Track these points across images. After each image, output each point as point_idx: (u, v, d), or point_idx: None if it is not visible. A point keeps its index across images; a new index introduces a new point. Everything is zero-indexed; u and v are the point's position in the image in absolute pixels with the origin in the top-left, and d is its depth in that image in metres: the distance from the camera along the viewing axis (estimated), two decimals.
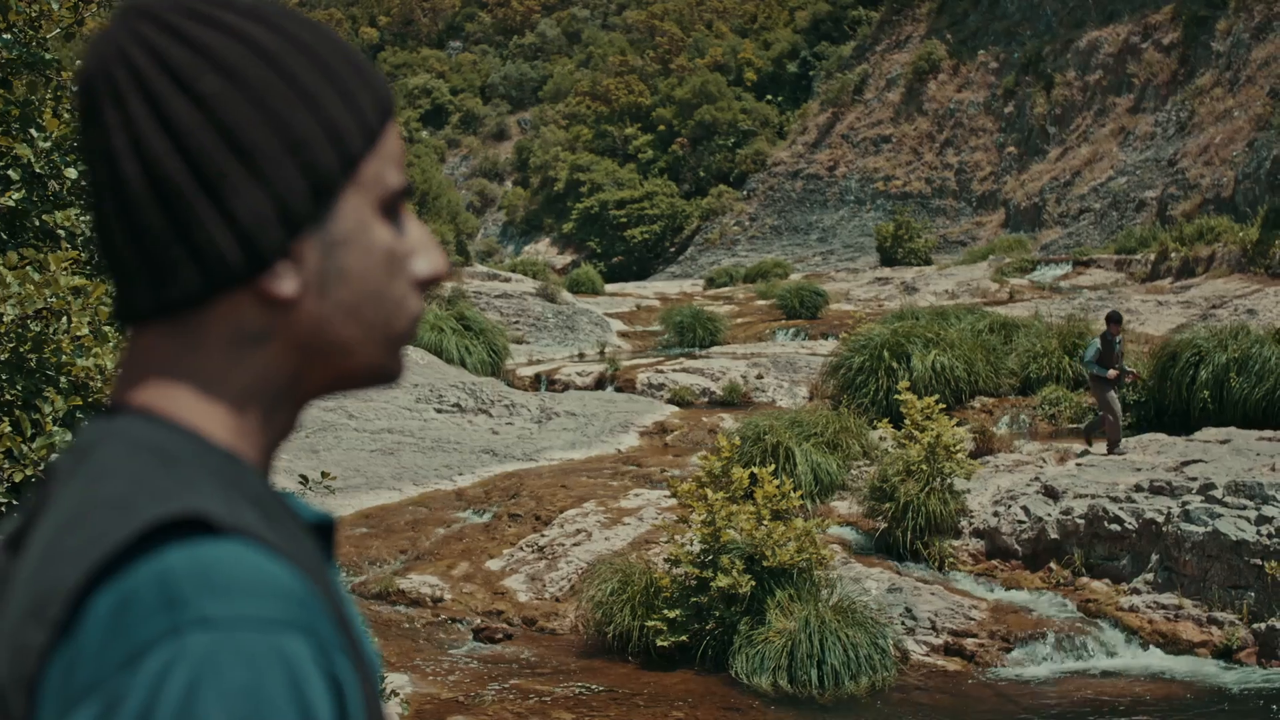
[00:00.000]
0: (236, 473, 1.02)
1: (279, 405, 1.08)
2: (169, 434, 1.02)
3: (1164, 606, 11.47)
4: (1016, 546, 12.79)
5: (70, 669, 0.87)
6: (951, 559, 12.80)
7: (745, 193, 62.37)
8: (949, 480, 13.08)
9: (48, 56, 5.36)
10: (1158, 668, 10.84)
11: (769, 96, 68.03)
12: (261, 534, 0.94)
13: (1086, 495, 12.75)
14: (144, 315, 1.06)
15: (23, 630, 0.91)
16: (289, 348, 1.06)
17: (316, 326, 1.06)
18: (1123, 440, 15.12)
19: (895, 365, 18.53)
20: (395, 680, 10.16)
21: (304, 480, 6.56)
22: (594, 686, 10.48)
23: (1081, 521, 12.44)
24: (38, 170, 5.05)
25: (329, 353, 1.08)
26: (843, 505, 14.38)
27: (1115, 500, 12.43)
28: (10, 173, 4.98)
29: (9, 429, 4.33)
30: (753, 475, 11.67)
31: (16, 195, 4.95)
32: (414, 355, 23.93)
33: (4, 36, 5.29)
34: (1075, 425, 17.56)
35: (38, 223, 5.08)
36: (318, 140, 1.04)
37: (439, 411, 21.26)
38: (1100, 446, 15.45)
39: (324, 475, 7.68)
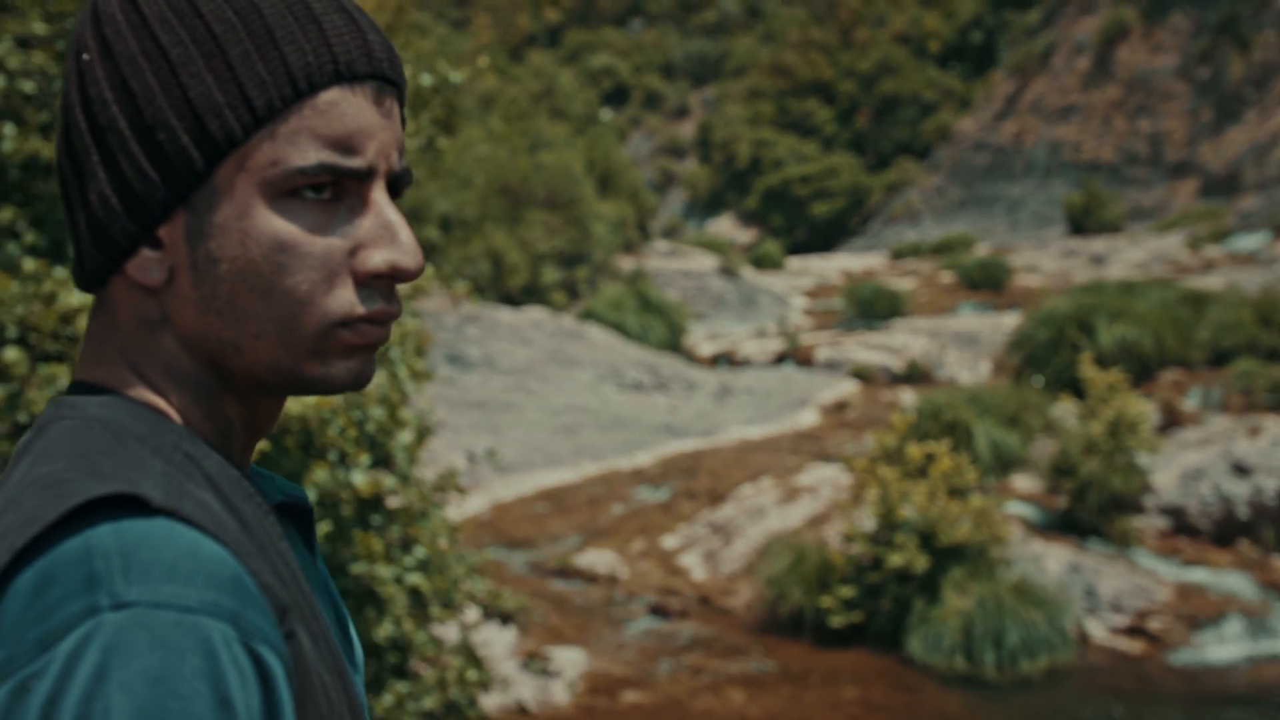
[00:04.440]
0: (193, 451, 0.99)
1: (214, 395, 1.05)
2: (127, 409, 1.01)
3: None
4: (1204, 524, 12.41)
5: None
6: (1135, 537, 12.47)
7: (930, 165, 61.49)
8: (1132, 456, 12.74)
9: None
10: None
11: (953, 66, 66.92)
12: (195, 515, 0.91)
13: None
14: (82, 288, 1.07)
15: None
16: (180, 338, 1.03)
17: (195, 319, 1.02)
18: None
19: (1080, 339, 18.11)
20: (569, 656, 10.27)
21: (471, 457, 6.62)
22: (767, 665, 10.46)
23: (1275, 499, 12.02)
24: None
25: (217, 349, 1.02)
26: (1023, 482, 14.11)
27: None
28: None
29: None
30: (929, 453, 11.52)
31: None
32: (595, 334, 24.12)
33: None
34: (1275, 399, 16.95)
35: None
36: (168, 123, 0.98)
37: (618, 389, 21.40)
38: None
39: (490, 453, 7.79)
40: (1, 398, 4.31)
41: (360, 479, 5.40)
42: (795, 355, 24.90)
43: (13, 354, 4.29)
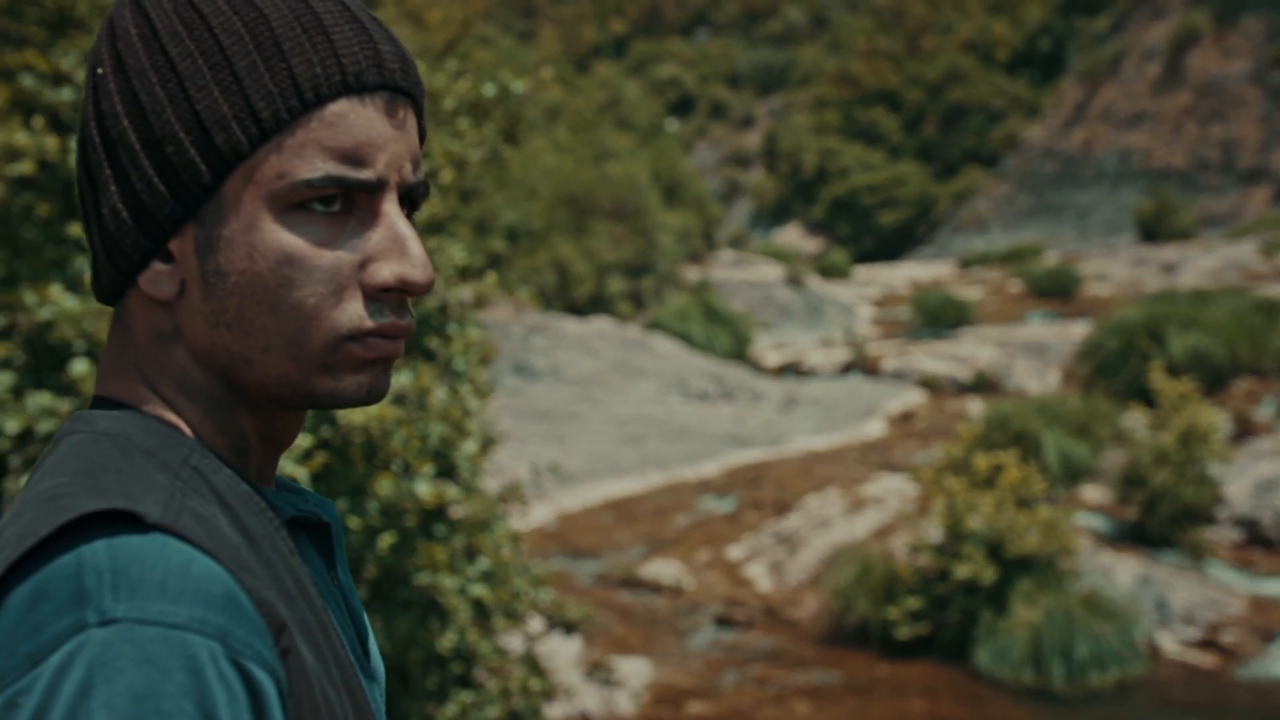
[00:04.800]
0: (202, 465, 0.99)
1: (227, 408, 1.04)
2: (139, 423, 1.01)
3: None
4: (1278, 536, 12.23)
5: None
6: (1207, 549, 12.31)
7: (998, 173, 61.07)
8: (1204, 467, 12.58)
9: None
10: None
11: (1021, 73, 66.46)
12: (191, 532, 0.90)
13: None
14: (101, 301, 1.08)
15: None
16: (192, 351, 1.03)
17: (206, 332, 1.01)
18: None
19: (1151, 348, 17.91)
20: (634, 667, 10.26)
21: (535, 470, 6.64)
22: (832, 676, 10.41)
23: None
24: None
25: (228, 362, 1.02)
26: (1093, 493, 13.97)
27: None
28: None
29: None
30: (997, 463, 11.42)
31: None
32: (660, 345, 24.13)
33: None
34: None
35: None
36: (176, 136, 0.98)
37: (684, 399, 21.38)
38: None
39: (553, 467, 7.80)
40: (67, 412, 4.36)
41: (424, 489, 5.42)
42: (862, 365, 24.79)
43: (80, 368, 4.34)
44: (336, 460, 5.18)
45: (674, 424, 19.74)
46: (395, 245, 1.02)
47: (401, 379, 5.54)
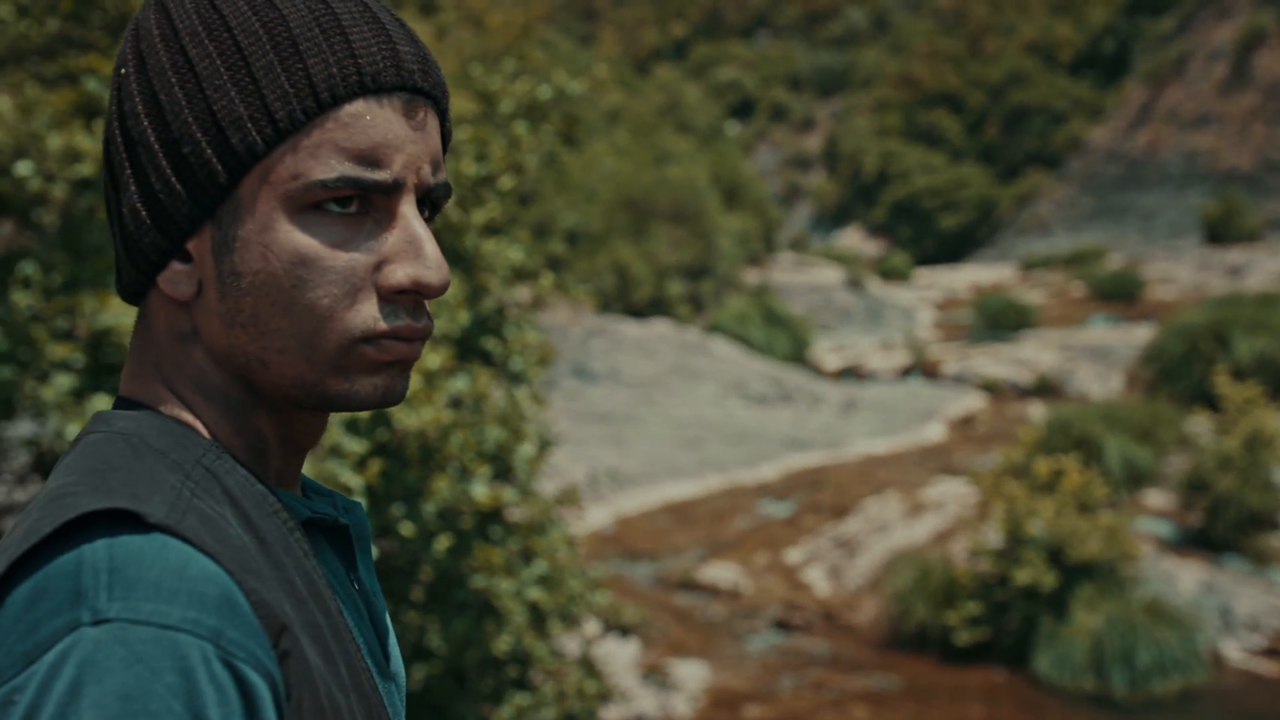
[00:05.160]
0: (216, 466, 0.99)
1: (245, 409, 1.04)
2: (154, 424, 1.01)
3: None
4: None
5: None
6: (1273, 555, 12.15)
7: (1061, 175, 60.57)
8: (1269, 472, 12.43)
9: None
10: None
11: (1084, 75, 65.91)
12: (193, 532, 0.90)
13: None
14: (125, 300, 1.08)
15: None
16: (209, 352, 1.03)
17: (222, 333, 1.01)
18: None
19: (1216, 352, 17.71)
20: (691, 670, 10.25)
21: (592, 474, 6.67)
22: (891, 681, 10.36)
23: None
24: None
25: (244, 363, 1.02)
26: (1155, 498, 13.83)
27: None
28: None
29: None
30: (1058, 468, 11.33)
31: None
32: (719, 348, 24.10)
33: None
34: None
35: None
36: (193, 136, 0.98)
37: (743, 402, 21.35)
38: None
39: (611, 473, 7.81)
40: None
41: (481, 492, 5.44)
42: (922, 368, 24.67)
43: None
44: (393, 463, 5.20)
45: (733, 427, 19.71)
46: (410, 247, 1.01)
47: (458, 383, 5.56)
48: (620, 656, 9.82)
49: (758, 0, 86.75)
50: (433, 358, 5.29)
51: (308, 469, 4.51)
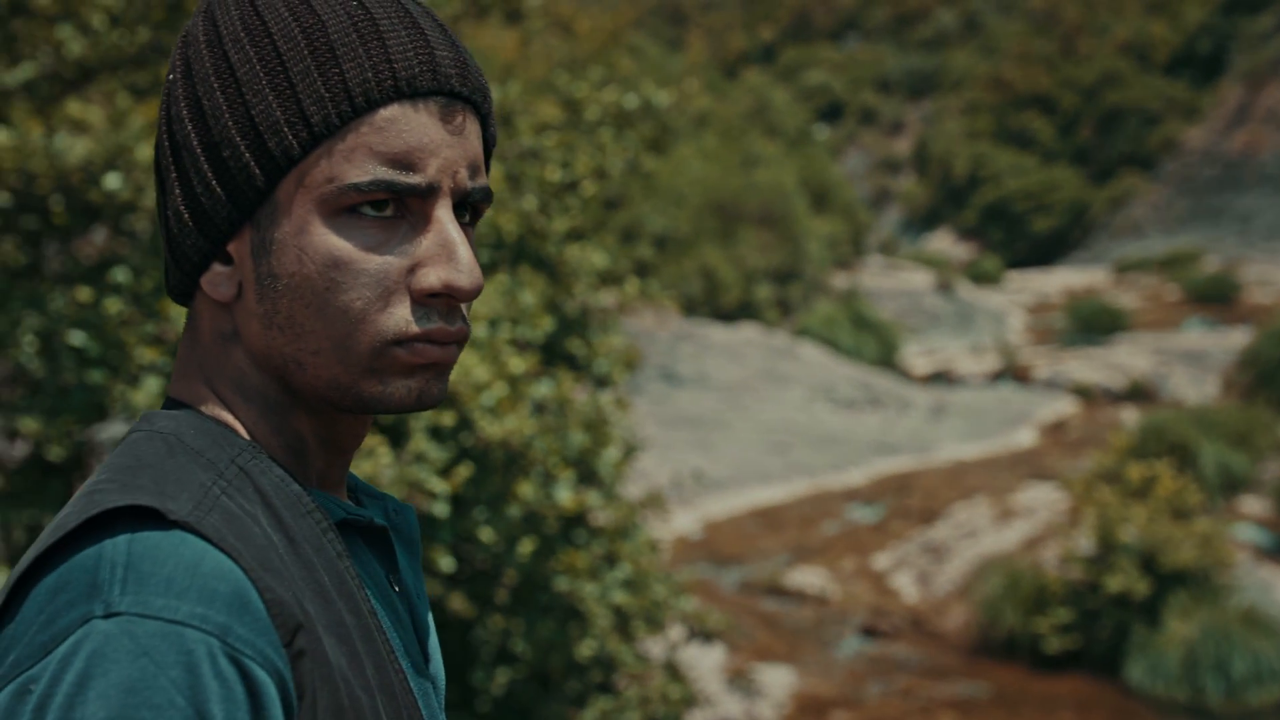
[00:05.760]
0: (251, 466, 1.01)
1: (284, 410, 1.06)
2: (194, 423, 1.03)
3: None
4: None
5: (6, 648, 0.89)
6: None
7: (1155, 177, 59.73)
8: None
9: None
10: None
11: (1180, 75, 64.96)
12: (214, 530, 0.92)
13: None
14: (174, 301, 1.11)
15: None
16: (249, 353, 1.05)
17: (260, 334, 1.03)
18: None
19: None
20: (778, 676, 10.22)
21: (678, 478, 6.68)
22: (980, 688, 10.26)
23: None
24: None
25: (281, 364, 1.03)
26: (1252, 504, 13.59)
27: None
28: None
29: None
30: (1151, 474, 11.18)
31: None
32: (807, 352, 24.01)
33: None
34: None
35: None
36: (232, 140, 1.00)
37: (831, 406, 21.25)
38: None
39: (696, 476, 7.82)
40: None
41: (565, 496, 5.46)
42: (1013, 373, 24.42)
43: None
44: (478, 469, 5.24)
45: (821, 431, 19.63)
46: (444, 251, 1.02)
47: (542, 388, 5.59)
48: (705, 661, 9.82)
49: (847, 3, 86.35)
50: (517, 362, 5.31)
51: (390, 474, 4.56)
